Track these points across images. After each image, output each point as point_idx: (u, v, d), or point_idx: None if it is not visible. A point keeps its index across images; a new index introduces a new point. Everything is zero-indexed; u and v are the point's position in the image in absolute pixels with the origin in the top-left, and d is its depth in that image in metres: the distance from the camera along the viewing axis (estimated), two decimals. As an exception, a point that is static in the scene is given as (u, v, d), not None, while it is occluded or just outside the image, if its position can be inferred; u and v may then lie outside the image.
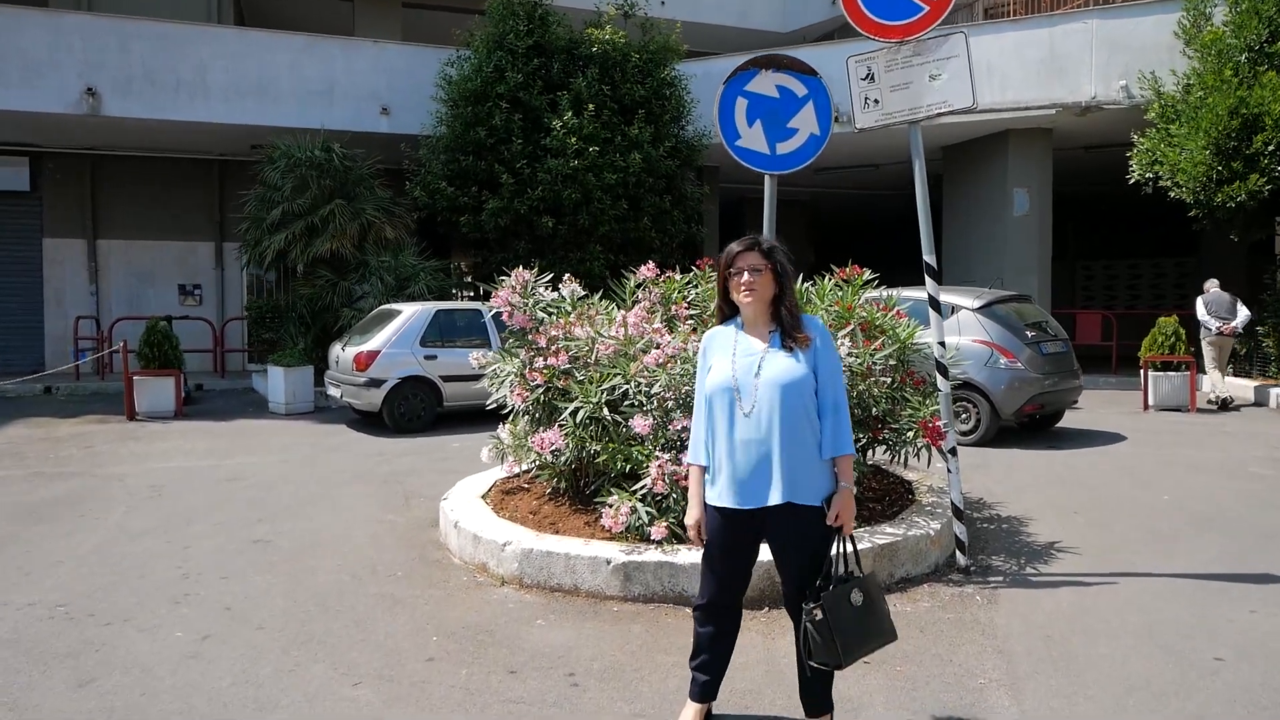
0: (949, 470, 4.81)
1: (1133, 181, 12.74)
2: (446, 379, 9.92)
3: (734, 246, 2.94)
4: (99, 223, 16.15)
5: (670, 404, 4.85)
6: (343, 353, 10.22)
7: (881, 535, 4.71)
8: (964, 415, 8.69)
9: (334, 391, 10.33)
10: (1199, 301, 11.69)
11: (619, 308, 5.75)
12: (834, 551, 2.88)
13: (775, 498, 2.80)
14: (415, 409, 9.85)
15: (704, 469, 2.96)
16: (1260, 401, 11.75)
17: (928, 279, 4.76)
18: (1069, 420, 9.97)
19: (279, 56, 14.31)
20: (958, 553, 4.81)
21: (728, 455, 2.85)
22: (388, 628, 4.21)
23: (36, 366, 14.92)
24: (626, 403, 4.95)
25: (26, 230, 15.96)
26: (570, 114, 12.14)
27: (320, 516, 6.27)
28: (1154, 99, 12.42)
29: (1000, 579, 4.74)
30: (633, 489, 4.75)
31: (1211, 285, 11.78)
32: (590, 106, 12.25)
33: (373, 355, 9.75)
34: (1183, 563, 5.04)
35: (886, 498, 5.57)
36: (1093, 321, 15.75)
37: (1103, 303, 22.48)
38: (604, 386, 4.91)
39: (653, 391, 4.79)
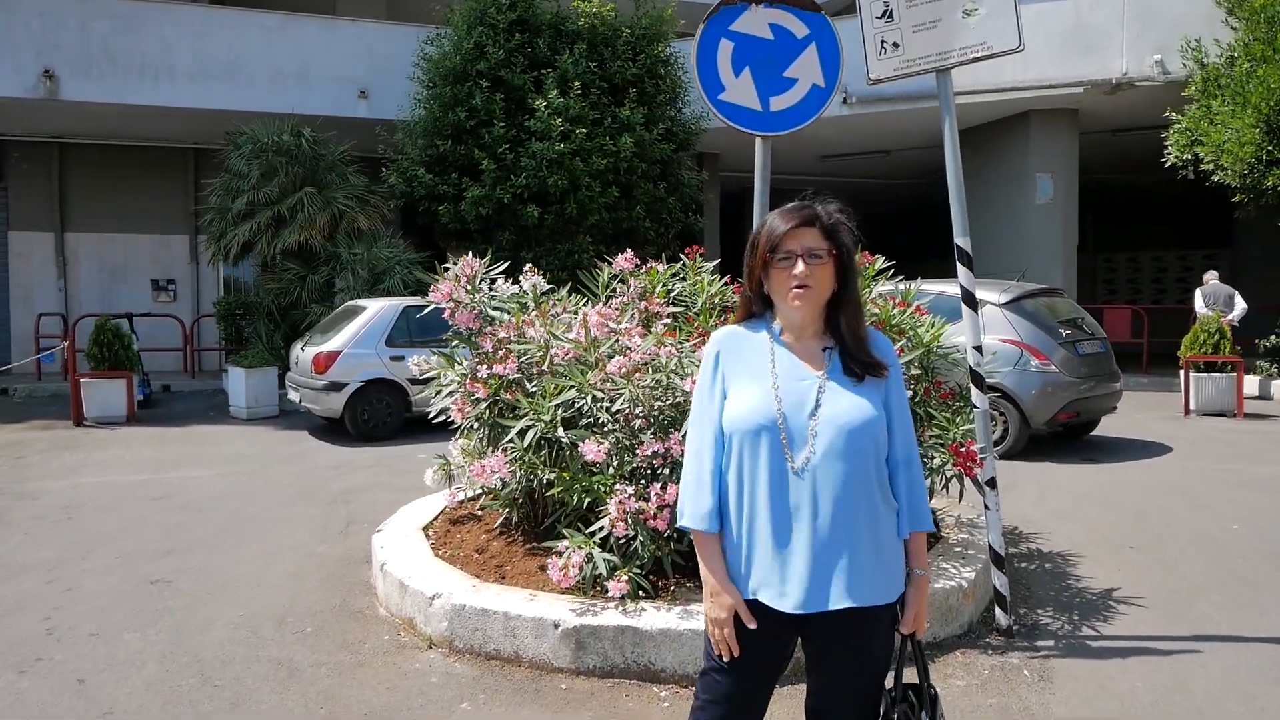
0: (986, 506, 3.85)
1: (1168, 165, 11.72)
2: (415, 382, 8.99)
3: (778, 220, 1.92)
4: (67, 215, 15.30)
5: (639, 422, 3.92)
6: (302, 353, 9.31)
7: (901, 587, 3.76)
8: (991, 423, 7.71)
9: (294, 396, 9.43)
10: (1197, 293, 11.79)
11: (593, 304, 4.81)
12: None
13: (840, 599, 1.85)
14: (380, 415, 8.93)
15: (718, 537, 1.96)
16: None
17: (960, 268, 3.81)
18: (1105, 427, 8.97)
19: (250, 36, 13.40)
20: (997, 609, 3.86)
21: (771, 529, 1.88)
22: (270, 711, 3.30)
23: (5, 366, 14.08)
24: (585, 420, 4.01)
25: (-9, 223, 15.12)
26: (555, 93, 11.19)
27: (243, 546, 5.37)
28: (1195, 71, 11.36)
29: (1051, 644, 3.79)
30: (590, 530, 3.82)
31: (1210, 277, 11.94)
32: (577, 85, 11.29)
33: (333, 356, 8.84)
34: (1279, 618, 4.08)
35: (905, 531, 4.62)
36: (1121, 317, 14.71)
37: (1126, 297, 21.40)
38: (556, 401, 3.97)
39: (615, 408, 3.85)
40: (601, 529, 3.71)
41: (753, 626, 1.89)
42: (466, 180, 11.67)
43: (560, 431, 3.99)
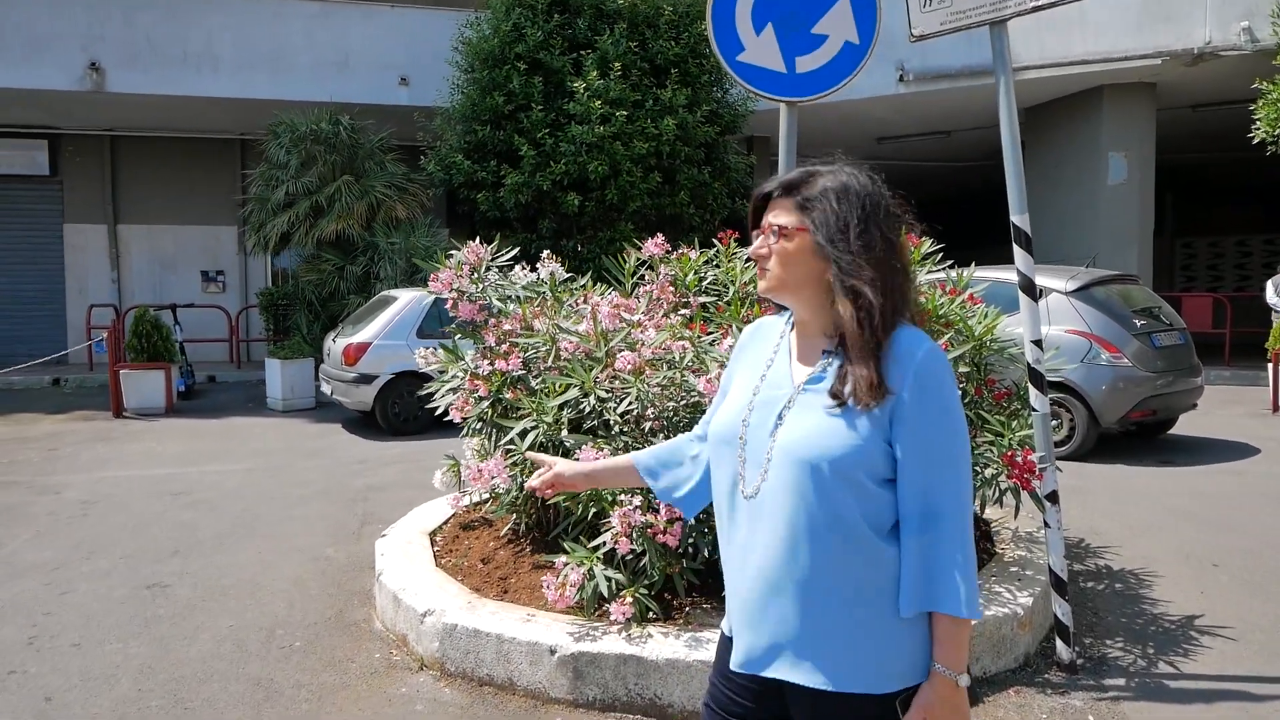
0: (1047, 524, 3.36)
1: (1256, 142, 10.82)
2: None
3: (764, 184, 1.59)
4: (120, 207, 15.45)
5: (650, 424, 3.52)
6: (334, 345, 9.12)
7: (946, 614, 3.30)
8: (1055, 422, 7.11)
9: (326, 388, 9.24)
10: (1269, 284, 10.83)
11: (619, 294, 4.43)
12: None
13: (781, 669, 1.48)
14: (411, 409, 8.67)
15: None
16: None
17: (1017, 250, 3.32)
18: (1183, 425, 8.26)
19: (291, 25, 13.28)
20: (1058, 640, 3.37)
21: (726, 560, 1.59)
22: (236, 744, 3.00)
23: (61, 358, 14.28)
24: (591, 422, 3.63)
25: (47, 216, 15.34)
26: (595, 75, 10.78)
27: (249, 548, 5.13)
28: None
29: (1122, 682, 3.29)
30: (593, 544, 3.44)
31: None
32: (617, 67, 10.86)
33: (363, 348, 8.61)
34: (1391, 656, 3.51)
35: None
36: (1201, 306, 13.80)
37: (1206, 285, 20.20)
38: (558, 400, 3.59)
39: (622, 408, 3.46)
40: (604, 544, 3.33)
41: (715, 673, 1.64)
42: (505, 167, 11.36)
43: (564, 434, 3.61)
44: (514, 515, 4.21)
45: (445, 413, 4.25)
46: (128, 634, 3.92)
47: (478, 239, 4.49)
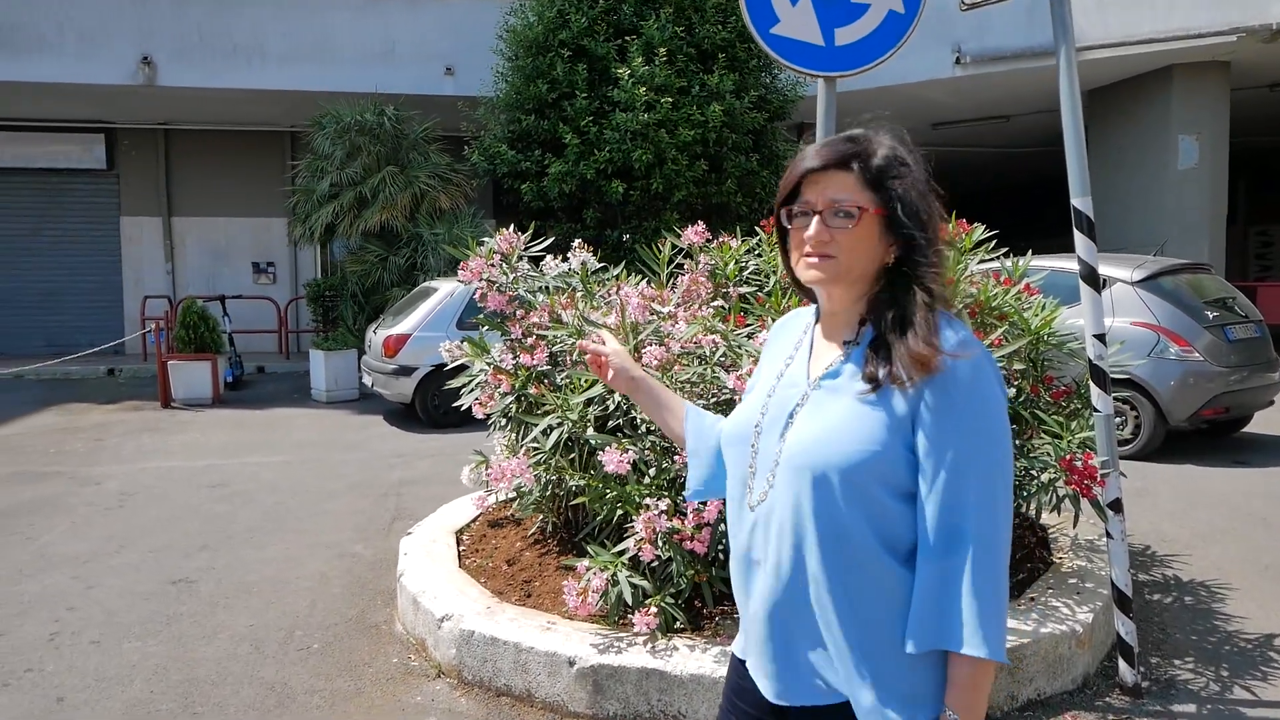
0: (1109, 535, 3.08)
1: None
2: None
3: (806, 154, 1.36)
4: (174, 200, 15.71)
5: (678, 423, 3.31)
6: (374, 336, 9.08)
7: (997, 632, 3.04)
8: (1119, 420, 6.73)
9: (367, 380, 9.21)
10: None
11: (653, 285, 4.23)
12: None
13: (775, 690, 1.36)
14: (451, 401, 8.55)
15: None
16: None
17: (1078, 236, 3.03)
18: (1258, 422, 7.76)
19: (337, 16, 13.29)
20: (1121, 660, 3.10)
21: (734, 575, 1.47)
22: (241, 753, 2.89)
23: (118, 348, 14.57)
24: (616, 420, 3.44)
25: (105, 208, 15.66)
26: (640, 61, 10.55)
27: (277, 543, 5.06)
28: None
29: (1193, 708, 3.00)
30: (617, 548, 3.25)
31: None
32: (662, 52, 10.62)
33: (402, 340, 8.54)
34: None
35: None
36: (1278, 296, 13.08)
37: (1281, 275, 19.27)
38: (583, 397, 3.41)
39: (648, 406, 3.26)
40: (627, 550, 3.14)
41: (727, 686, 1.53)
42: (549, 156, 11.21)
43: (589, 432, 3.43)
44: (540, 515, 4.05)
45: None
46: (148, 632, 3.85)
47: (511, 227, 4.32)
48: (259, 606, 4.13)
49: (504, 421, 3.98)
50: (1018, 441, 3.25)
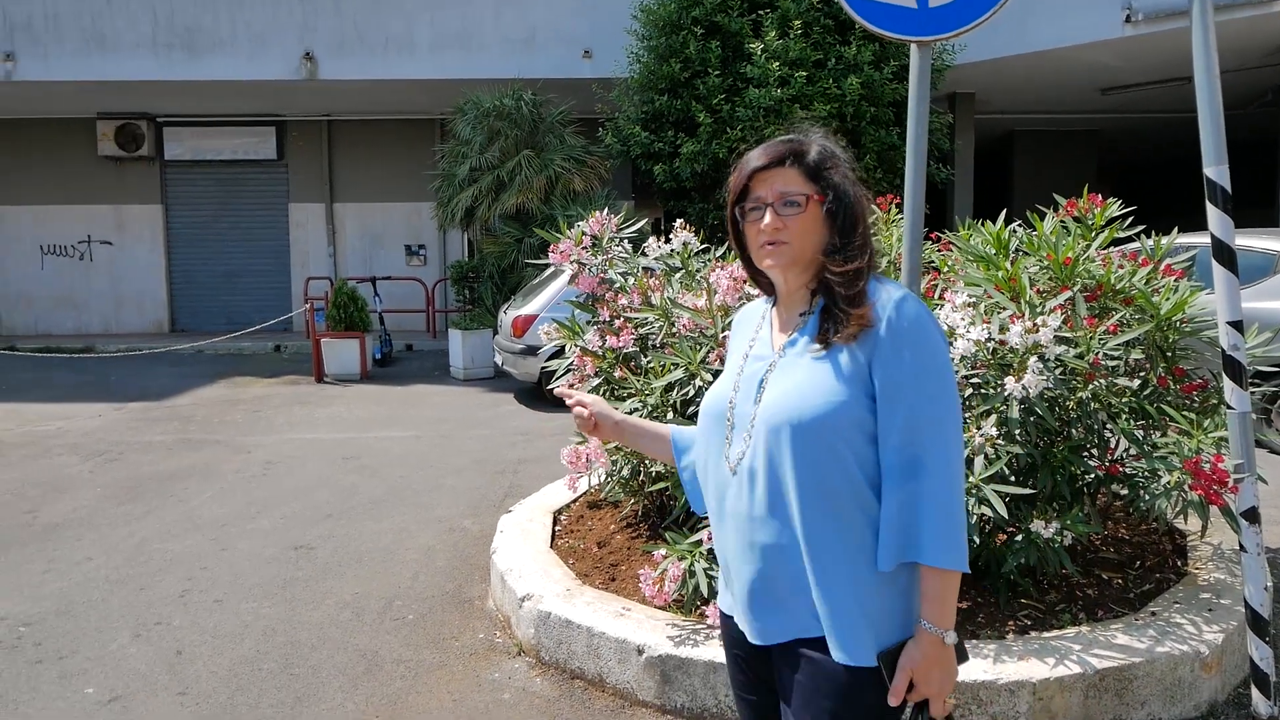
0: (1243, 548, 2.72)
1: None
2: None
3: (750, 157, 1.56)
4: (335, 187, 16.69)
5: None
6: (504, 316, 9.32)
7: (1105, 649, 2.75)
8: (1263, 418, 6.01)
9: (498, 359, 9.49)
10: None
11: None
12: None
13: (770, 632, 1.52)
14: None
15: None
16: None
17: (1212, 210, 2.68)
18: None
19: (481, 5, 13.67)
20: (1254, 690, 2.74)
21: (717, 534, 1.61)
22: (325, 716, 3.02)
23: (287, 326, 15.70)
24: (695, 407, 3.35)
25: (275, 196, 16.85)
26: (774, 35, 10.27)
27: (394, 515, 5.28)
28: None
29: (1339, 753, 2.63)
30: (694, 538, 3.17)
31: None
32: (797, 25, 10.29)
33: (529, 320, 8.73)
34: None
35: (1139, 562, 3.51)
36: None
37: None
38: (663, 382, 3.34)
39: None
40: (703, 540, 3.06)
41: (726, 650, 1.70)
42: (682, 136, 11.12)
43: (670, 417, 3.36)
44: (632, 499, 4.02)
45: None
46: (265, 594, 4.10)
47: (624, 208, 4.29)
48: (366, 575, 4.31)
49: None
50: (1137, 446, 2.92)
